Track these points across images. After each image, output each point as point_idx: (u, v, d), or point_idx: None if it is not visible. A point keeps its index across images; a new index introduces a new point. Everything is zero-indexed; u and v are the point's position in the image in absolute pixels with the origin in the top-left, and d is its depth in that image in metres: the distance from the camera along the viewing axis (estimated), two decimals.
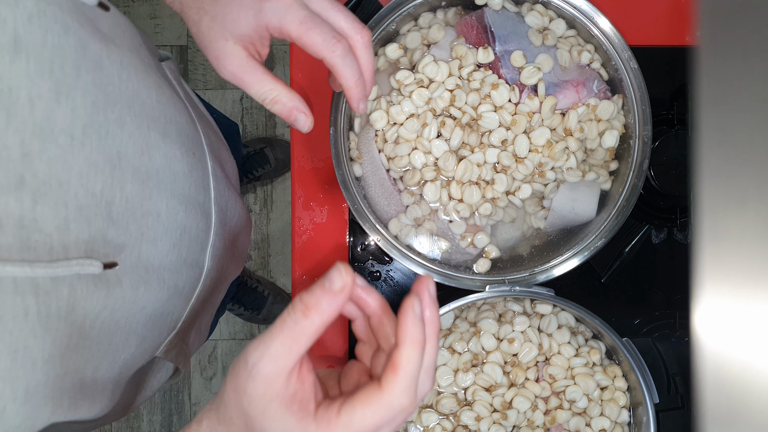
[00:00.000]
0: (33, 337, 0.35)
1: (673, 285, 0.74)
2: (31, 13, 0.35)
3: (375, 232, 0.62)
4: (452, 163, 0.61)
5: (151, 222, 0.44)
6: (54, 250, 0.36)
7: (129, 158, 0.42)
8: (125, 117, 0.41)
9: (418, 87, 0.61)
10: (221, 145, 0.63)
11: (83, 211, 0.38)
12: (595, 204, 0.63)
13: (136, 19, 1.60)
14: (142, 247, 0.44)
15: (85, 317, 0.39)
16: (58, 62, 0.36)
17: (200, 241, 0.53)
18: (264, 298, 1.51)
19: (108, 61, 0.40)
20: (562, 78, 0.62)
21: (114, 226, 0.40)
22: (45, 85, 0.35)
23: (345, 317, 0.39)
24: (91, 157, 0.38)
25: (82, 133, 0.38)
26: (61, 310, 0.36)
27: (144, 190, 0.43)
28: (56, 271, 0.35)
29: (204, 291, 0.57)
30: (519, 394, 0.62)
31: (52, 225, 0.36)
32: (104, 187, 0.39)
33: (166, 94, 0.49)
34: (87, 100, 0.38)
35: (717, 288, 0.26)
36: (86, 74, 0.38)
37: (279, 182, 1.61)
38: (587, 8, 0.62)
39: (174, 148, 0.48)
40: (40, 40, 0.35)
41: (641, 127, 0.62)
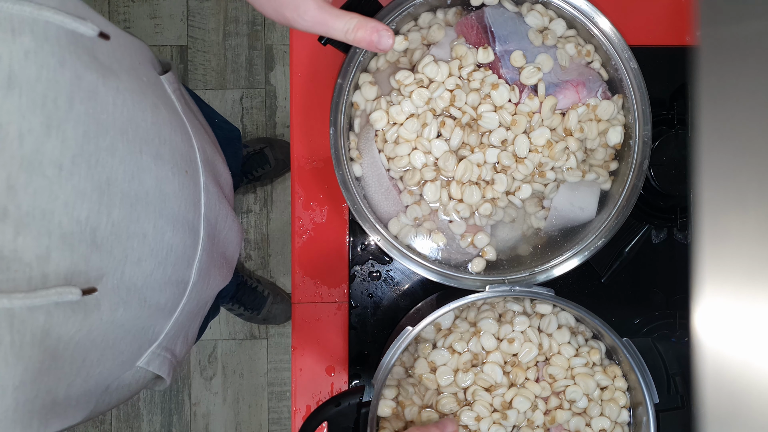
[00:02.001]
0: (5, 366, 0.35)
1: (673, 285, 0.74)
2: (28, 49, 0.36)
3: (375, 232, 0.62)
4: (452, 163, 0.61)
5: (136, 244, 0.45)
6: (33, 279, 0.37)
7: (118, 183, 0.43)
8: (117, 143, 0.42)
9: (418, 87, 0.61)
10: (217, 158, 0.63)
11: (66, 239, 0.39)
12: (595, 204, 0.63)
13: (136, 19, 1.60)
14: (126, 268, 0.44)
15: (59, 340, 0.39)
16: (51, 96, 0.37)
17: (186, 258, 0.53)
18: (264, 298, 1.51)
19: (104, 90, 0.41)
20: (562, 78, 0.62)
21: (98, 251, 0.41)
22: (36, 120, 0.36)
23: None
24: (78, 186, 0.39)
25: (71, 163, 0.38)
26: (35, 337, 0.37)
27: (132, 214, 0.44)
28: (34, 301, 0.36)
29: (189, 304, 0.57)
30: (519, 394, 0.62)
31: (32, 254, 0.37)
32: (90, 213, 0.40)
33: (162, 113, 0.50)
34: (78, 131, 0.39)
35: (717, 288, 0.26)
36: (80, 105, 0.39)
37: (279, 182, 1.61)
38: (587, 8, 0.62)
39: (166, 169, 0.48)
40: (34, 76, 0.36)
41: (641, 127, 0.62)
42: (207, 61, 1.60)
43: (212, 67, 1.61)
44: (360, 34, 0.52)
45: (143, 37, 1.60)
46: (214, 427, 1.59)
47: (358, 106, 0.63)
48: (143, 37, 1.60)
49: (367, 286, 0.74)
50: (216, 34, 1.61)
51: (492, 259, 0.63)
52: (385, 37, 0.53)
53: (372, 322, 0.74)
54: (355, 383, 0.74)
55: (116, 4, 1.60)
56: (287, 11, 0.51)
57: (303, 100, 0.75)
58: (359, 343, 0.74)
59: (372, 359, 0.74)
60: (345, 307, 0.74)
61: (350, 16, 0.52)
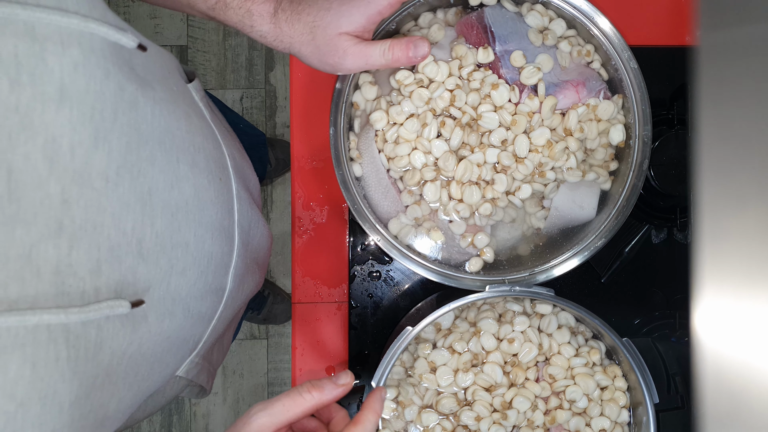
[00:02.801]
0: (62, 382, 0.35)
1: (673, 285, 0.74)
2: (77, 61, 0.36)
3: (375, 232, 0.62)
4: (452, 163, 0.61)
5: (180, 253, 0.45)
6: (86, 293, 0.37)
7: (159, 193, 0.43)
8: (156, 153, 0.43)
9: (418, 87, 0.61)
10: (245, 164, 0.64)
11: (114, 252, 0.39)
12: (595, 204, 0.63)
13: (136, 19, 1.60)
14: (171, 279, 0.45)
15: (113, 355, 0.40)
16: (99, 108, 0.37)
17: (224, 265, 0.54)
18: (264, 298, 1.52)
19: (143, 100, 0.42)
20: (562, 78, 0.62)
21: (144, 263, 0.41)
22: (85, 132, 0.36)
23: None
24: (123, 197, 0.39)
25: (116, 174, 0.39)
26: (89, 352, 0.37)
27: (173, 223, 0.44)
28: (88, 316, 0.36)
29: (225, 312, 0.57)
30: (519, 394, 0.62)
31: (85, 269, 0.37)
32: (135, 225, 0.40)
33: (194, 121, 0.50)
34: (122, 142, 0.39)
35: (717, 288, 0.26)
36: (122, 116, 0.39)
37: (279, 182, 1.61)
38: (587, 8, 0.62)
39: (202, 177, 0.49)
40: (83, 88, 0.36)
41: (641, 127, 0.62)
42: (207, 61, 1.61)
43: (212, 67, 1.61)
44: (396, 51, 0.56)
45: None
46: (214, 427, 1.59)
47: (358, 106, 0.63)
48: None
49: (367, 286, 0.74)
50: (216, 34, 1.61)
51: (489, 260, 0.63)
52: (420, 46, 0.56)
53: (372, 322, 0.74)
54: (355, 383, 0.74)
55: (116, 4, 1.60)
56: (330, 58, 0.55)
57: (303, 100, 0.75)
58: (359, 343, 0.74)
59: (372, 359, 0.74)
60: (345, 307, 0.74)
61: (383, 40, 0.56)
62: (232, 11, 0.55)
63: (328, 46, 0.55)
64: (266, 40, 0.56)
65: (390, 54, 0.56)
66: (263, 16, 0.55)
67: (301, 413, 0.46)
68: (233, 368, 1.59)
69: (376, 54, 0.55)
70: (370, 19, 0.55)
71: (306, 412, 0.46)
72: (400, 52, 0.56)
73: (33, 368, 0.34)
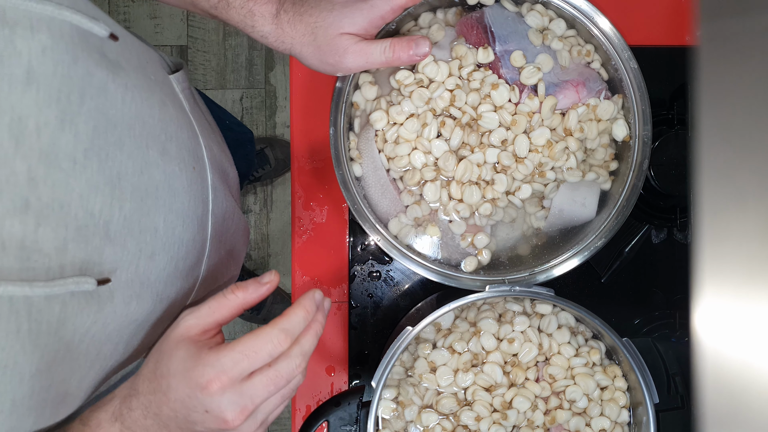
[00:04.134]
0: (23, 353, 0.37)
1: (673, 285, 0.74)
2: (45, 45, 0.37)
3: (375, 232, 0.62)
4: (452, 163, 0.61)
5: (149, 238, 0.46)
6: (51, 269, 0.38)
7: (128, 177, 0.44)
8: (125, 138, 0.44)
9: (418, 87, 0.61)
10: (224, 157, 0.64)
11: (81, 231, 0.40)
12: (595, 204, 0.63)
13: (136, 18, 1.60)
14: (140, 262, 0.46)
15: (75, 332, 0.41)
16: (65, 91, 0.38)
17: (197, 253, 0.54)
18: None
19: (113, 86, 0.43)
20: (562, 78, 0.62)
21: (111, 244, 0.42)
22: (51, 113, 0.37)
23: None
24: (91, 179, 0.40)
25: (83, 156, 0.40)
26: (51, 327, 0.38)
27: (142, 208, 0.45)
28: (53, 290, 0.37)
29: (198, 298, 0.58)
30: (519, 394, 0.62)
31: (51, 246, 0.38)
32: (103, 207, 0.41)
33: (169, 111, 0.51)
34: (89, 126, 0.40)
35: (717, 288, 0.26)
36: (90, 101, 0.40)
37: (279, 182, 1.61)
38: (587, 8, 0.62)
39: (173, 165, 0.49)
40: (51, 71, 0.37)
41: (641, 127, 0.62)
42: (207, 61, 1.60)
43: (212, 67, 1.61)
44: (397, 50, 0.56)
45: (143, 37, 1.60)
46: None
47: (358, 106, 0.63)
48: (143, 37, 1.60)
49: (367, 286, 0.74)
50: (216, 34, 1.61)
51: (485, 260, 0.63)
52: (421, 45, 0.56)
53: (372, 322, 0.74)
54: (355, 383, 0.74)
55: (116, 4, 1.60)
56: (330, 57, 0.55)
57: (303, 100, 0.75)
58: (359, 343, 0.74)
59: (372, 359, 0.74)
60: (345, 307, 0.74)
61: (383, 39, 0.56)
62: (234, 11, 0.56)
63: (329, 46, 0.55)
64: (267, 41, 0.57)
65: (391, 52, 0.56)
66: (265, 16, 0.56)
67: (228, 314, 0.45)
68: None
69: (376, 52, 0.55)
70: (372, 22, 0.55)
71: (232, 312, 0.46)
72: (401, 50, 0.56)
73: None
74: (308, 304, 0.46)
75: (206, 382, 0.41)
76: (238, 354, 0.42)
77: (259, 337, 0.43)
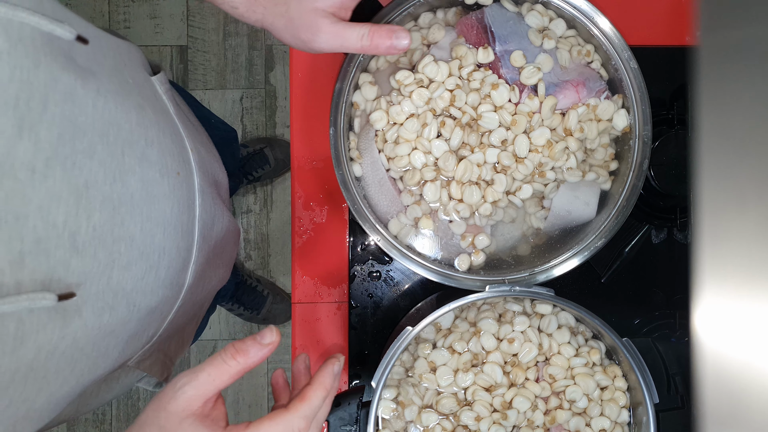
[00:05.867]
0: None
1: (673, 285, 0.74)
2: (1, 49, 0.35)
3: (375, 232, 0.62)
4: (452, 163, 0.61)
5: (123, 248, 0.44)
6: (4, 285, 0.36)
7: (98, 186, 0.42)
8: (96, 146, 0.42)
9: (418, 87, 0.61)
10: (212, 159, 0.62)
11: (41, 244, 0.38)
12: (595, 204, 0.63)
13: (136, 19, 1.60)
14: (113, 273, 0.44)
15: (39, 349, 0.39)
16: (24, 97, 0.36)
17: (181, 260, 0.53)
18: (263, 297, 1.51)
19: (82, 92, 0.41)
20: (562, 78, 0.62)
21: (78, 256, 0.40)
22: (7, 122, 0.35)
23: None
24: (53, 189, 0.38)
25: (44, 165, 0.37)
26: (7, 346, 0.36)
27: (114, 217, 0.43)
28: (2, 308, 0.35)
29: (184, 306, 0.56)
30: (519, 394, 0.62)
31: (5, 260, 0.36)
32: (68, 217, 0.39)
33: (148, 115, 0.49)
34: (53, 133, 0.38)
35: (717, 288, 0.26)
36: (54, 107, 0.38)
37: (279, 182, 1.61)
38: (587, 8, 0.62)
39: (153, 171, 0.48)
40: (7, 77, 0.35)
41: (641, 127, 0.62)
42: (207, 61, 1.60)
43: (212, 67, 1.61)
44: (376, 38, 0.52)
45: (143, 37, 1.60)
46: None
47: (358, 106, 0.63)
48: (143, 37, 1.60)
49: (367, 286, 0.74)
50: (216, 34, 1.60)
51: (478, 260, 0.63)
52: (402, 37, 0.52)
53: (372, 322, 0.74)
54: (355, 383, 0.74)
55: (116, 4, 1.60)
56: (303, 34, 0.52)
57: (303, 100, 0.75)
58: (359, 343, 0.74)
59: (372, 359, 0.74)
60: (345, 307, 0.74)
61: (362, 24, 0.52)
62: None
63: (301, 20, 0.51)
64: (238, 12, 0.53)
65: (368, 40, 0.52)
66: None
67: (228, 380, 0.43)
68: None
69: (353, 38, 0.52)
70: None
71: (233, 378, 0.44)
72: (380, 39, 0.52)
73: None
74: (328, 381, 0.46)
75: None
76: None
77: (278, 425, 0.43)
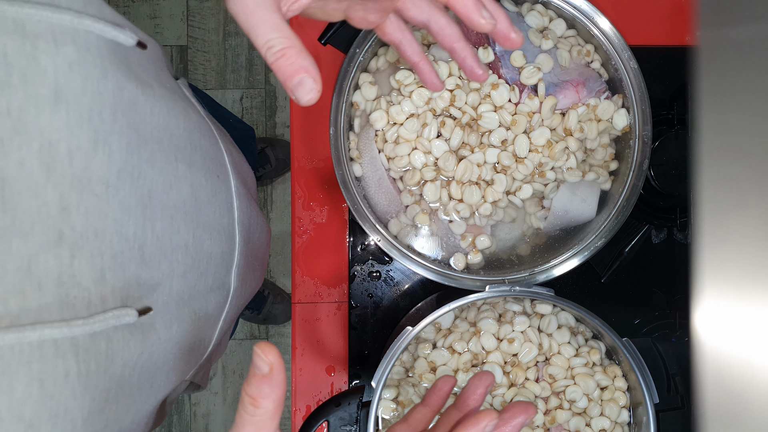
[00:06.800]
0: (73, 398, 0.34)
1: (673, 285, 0.74)
2: (72, 60, 0.34)
3: (375, 232, 0.62)
4: (452, 163, 0.61)
5: (180, 256, 0.44)
6: (92, 303, 0.35)
7: (158, 195, 0.41)
8: (156, 153, 0.41)
9: (418, 87, 0.61)
10: (241, 158, 0.61)
11: (118, 259, 0.37)
12: (595, 204, 0.63)
13: (136, 19, 1.60)
14: (173, 283, 0.43)
15: (124, 367, 0.38)
16: (97, 109, 0.35)
17: (225, 264, 0.52)
18: (264, 297, 1.51)
19: (143, 99, 0.40)
20: (562, 78, 0.62)
21: (147, 268, 0.40)
22: (84, 135, 0.34)
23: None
24: (124, 201, 0.37)
25: (116, 178, 0.37)
26: (100, 366, 0.36)
27: (173, 225, 0.43)
28: (93, 327, 0.34)
29: (231, 311, 0.56)
30: (519, 394, 0.62)
31: (89, 278, 0.35)
32: (137, 229, 0.39)
33: (192, 118, 0.48)
34: (122, 144, 0.37)
35: (717, 288, 0.26)
36: (122, 117, 0.37)
37: (279, 182, 1.61)
38: (587, 8, 0.62)
39: (199, 176, 0.47)
40: (80, 88, 0.34)
41: (641, 127, 0.62)
42: (207, 61, 1.61)
43: (212, 67, 1.61)
44: (281, 63, 0.39)
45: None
46: (214, 427, 1.59)
47: (358, 106, 0.63)
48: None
49: (367, 286, 0.74)
50: (216, 34, 1.61)
51: (475, 260, 0.63)
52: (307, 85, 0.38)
53: (372, 322, 0.74)
54: (355, 383, 0.74)
55: (116, 4, 1.60)
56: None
57: None
58: (359, 343, 0.74)
59: (372, 359, 0.74)
60: (345, 307, 0.74)
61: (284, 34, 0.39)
62: None
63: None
64: None
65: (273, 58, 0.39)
66: None
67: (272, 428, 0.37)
68: (233, 368, 1.59)
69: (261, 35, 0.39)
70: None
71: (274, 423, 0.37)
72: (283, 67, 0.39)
73: (41, 386, 0.32)
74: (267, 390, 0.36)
75: None
76: None
77: None
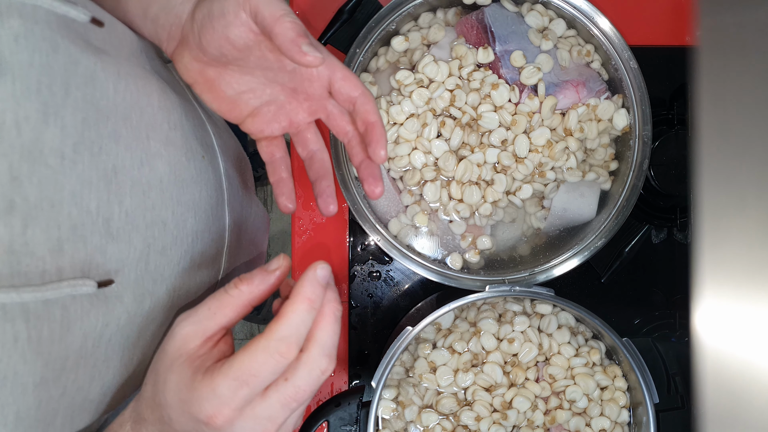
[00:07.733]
0: (23, 363, 0.34)
1: (673, 285, 0.74)
2: (18, 33, 0.34)
3: (375, 232, 0.62)
4: (452, 163, 0.61)
5: (156, 233, 0.44)
6: (47, 272, 0.35)
7: (126, 171, 0.41)
8: (120, 130, 0.41)
9: (418, 87, 0.61)
10: (235, 143, 0.62)
11: (78, 230, 0.37)
12: (595, 204, 0.63)
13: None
14: (149, 258, 0.43)
15: (86, 337, 0.38)
16: (46, 82, 0.35)
17: (215, 245, 0.52)
18: None
19: (102, 75, 0.40)
20: (562, 78, 0.62)
21: (114, 242, 0.40)
22: (32, 107, 0.35)
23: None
24: (83, 175, 0.38)
25: (73, 151, 0.37)
26: (54, 333, 0.36)
27: (146, 202, 0.43)
28: (45, 295, 0.35)
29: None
30: (519, 394, 0.62)
31: (44, 248, 0.35)
32: (100, 203, 0.39)
33: (170, 98, 0.48)
34: (77, 118, 0.37)
35: (717, 288, 0.26)
36: (76, 91, 0.37)
37: None
38: (587, 8, 0.62)
39: (179, 155, 0.47)
40: (27, 61, 0.34)
41: (641, 127, 0.62)
42: None
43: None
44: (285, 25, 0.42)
45: None
46: None
47: None
48: None
49: (367, 286, 0.74)
50: None
51: (473, 259, 0.63)
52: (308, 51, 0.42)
53: (372, 322, 0.74)
54: (355, 383, 0.74)
55: None
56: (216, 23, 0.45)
57: None
58: (359, 343, 0.74)
59: (372, 359, 0.74)
60: (345, 307, 0.74)
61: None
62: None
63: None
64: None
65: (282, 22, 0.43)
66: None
67: (233, 314, 0.38)
68: None
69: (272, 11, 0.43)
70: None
71: (238, 312, 0.38)
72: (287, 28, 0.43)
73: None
74: (309, 290, 0.38)
75: (207, 418, 0.36)
76: (232, 381, 0.36)
77: (253, 354, 0.36)
